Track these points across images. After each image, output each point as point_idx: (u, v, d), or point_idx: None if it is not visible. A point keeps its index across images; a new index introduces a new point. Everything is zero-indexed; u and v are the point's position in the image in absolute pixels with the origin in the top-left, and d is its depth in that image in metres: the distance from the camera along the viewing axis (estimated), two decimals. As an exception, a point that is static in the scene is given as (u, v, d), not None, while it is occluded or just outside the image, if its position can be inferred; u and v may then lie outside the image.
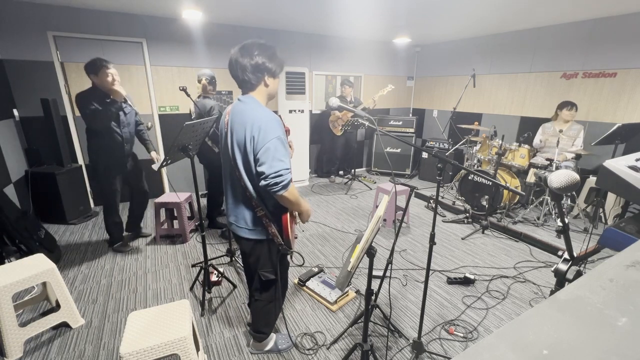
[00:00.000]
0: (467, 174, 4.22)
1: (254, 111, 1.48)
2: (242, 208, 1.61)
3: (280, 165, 1.42)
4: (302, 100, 4.98)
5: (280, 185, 1.43)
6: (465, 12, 3.77)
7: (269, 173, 1.41)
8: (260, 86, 1.54)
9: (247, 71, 1.48)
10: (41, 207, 3.72)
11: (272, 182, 1.42)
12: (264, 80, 1.53)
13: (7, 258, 2.67)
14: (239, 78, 1.51)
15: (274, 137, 1.42)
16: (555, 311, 0.54)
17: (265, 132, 1.42)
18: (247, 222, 1.61)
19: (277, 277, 1.75)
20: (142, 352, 1.43)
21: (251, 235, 1.63)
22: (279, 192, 1.45)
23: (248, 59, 1.46)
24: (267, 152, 1.41)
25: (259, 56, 1.47)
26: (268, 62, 1.50)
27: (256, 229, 1.62)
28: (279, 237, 1.62)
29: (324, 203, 4.63)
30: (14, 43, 3.53)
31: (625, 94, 3.88)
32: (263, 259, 1.70)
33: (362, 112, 1.92)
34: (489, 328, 2.24)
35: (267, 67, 1.50)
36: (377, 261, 2.99)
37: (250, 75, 1.49)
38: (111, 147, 2.79)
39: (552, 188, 1.07)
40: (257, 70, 1.49)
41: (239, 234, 1.67)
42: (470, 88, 5.01)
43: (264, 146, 1.41)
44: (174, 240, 3.43)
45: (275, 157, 1.42)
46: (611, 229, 2.27)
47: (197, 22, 4.33)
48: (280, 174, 1.42)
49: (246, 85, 1.54)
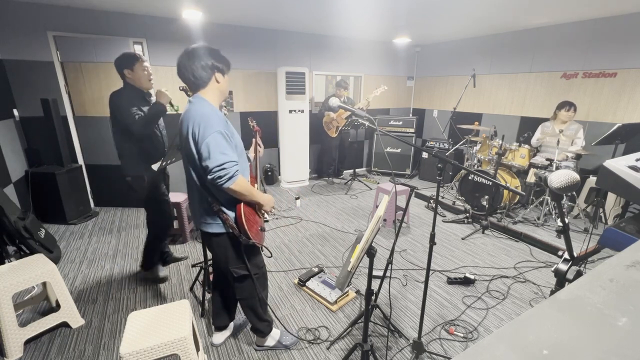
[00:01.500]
0: (467, 174, 4.22)
1: (196, 109, 1.52)
2: (198, 203, 1.65)
3: (223, 159, 1.45)
4: (302, 100, 4.98)
5: (225, 177, 1.45)
6: (465, 12, 3.77)
7: (212, 167, 1.44)
8: (212, 83, 1.59)
9: (196, 71, 1.54)
10: (41, 207, 3.72)
11: (216, 175, 1.45)
12: (214, 77, 1.58)
13: (7, 258, 2.67)
14: (190, 80, 1.56)
15: (214, 131, 1.45)
16: (556, 311, 0.54)
17: (204, 128, 1.45)
18: (205, 216, 1.64)
19: (249, 272, 1.75)
20: (142, 352, 1.43)
21: (211, 229, 1.65)
22: (225, 185, 1.47)
23: (197, 61, 1.53)
24: (208, 147, 1.44)
25: (206, 57, 1.55)
26: (216, 62, 1.57)
27: (214, 223, 1.64)
28: (236, 229, 1.63)
29: (324, 203, 4.63)
30: (14, 43, 3.53)
31: (625, 94, 3.88)
32: (229, 254, 1.71)
33: (362, 112, 1.91)
34: (489, 328, 2.24)
35: (216, 66, 1.57)
36: (377, 261, 2.99)
37: (202, 73, 1.54)
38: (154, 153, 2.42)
39: (552, 188, 1.07)
40: (207, 69, 1.56)
41: (201, 229, 1.69)
42: (471, 88, 5.01)
43: (205, 141, 1.44)
44: (174, 240, 3.43)
45: (217, 151, 1.44)
46: (611, 229, 2.27)
47: (197, 22, 4.33)
48: (223, 167, 1.44)
49: (198, 85, 1.58)
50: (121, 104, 2.25)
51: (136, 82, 2.34)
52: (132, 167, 2.40)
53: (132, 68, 2.30)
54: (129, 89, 2.34)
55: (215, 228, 1.64)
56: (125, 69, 2.30)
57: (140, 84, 2.35)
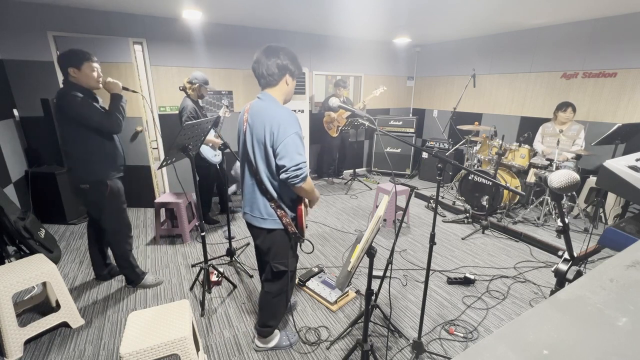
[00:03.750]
0: (467, 174, 4.22)
1: (272, 109, 1.58)
2: (258, 199, 1.69)
3: (299, 159, 1.52)
4: (302, 100, 4.98)
5: (300, 177, 1.53)
6: (465, 12, 3.77)
7: (290, 166, 1.51)
8: (281, 84, 1.65)
9: (271, 68, 1.59)
10: (41, 207, 3.72)
11: (293, 174, 1.52)
12: (285, 78, 1.65)
13: (7, 258, 2.67)
14: (263, 74, 1.61)
15: (293, 132, 1.53)
16: (556, 311, 0.54)
17: (284, 128, 1.52)
18: (262, 212, 1.69)
19: (287, 269, 1.81)
20: (142, 352, 1.43)
21: (265, 225, 1.71)
22: (299, 184, 1.55)
23: (274, 58, 1.59)
24: (286, 147, 1.51)
25: (283, 56, 1.60)
26: (290, 64, 1.63)
27: (270, 219, 1.70)
28: (293, 226, 1.71)
29: (324, 203, 4.63)
30: (14, 43, 3.53)
31: (625, 94, 3.88)
32: (275, 249, 1.77)
33: (362, 112, 1.93)
34: (489, 328, 2.24)
35: (289, 68, 1.64)
36: (377, 261, 2.99)
37: (274, 70, 1.60)
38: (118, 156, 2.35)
39: (552, 188, 1.07)
40: (281, 68, 1.61)
41: (253, 223, 1.75)
42: (470, 88, 5.01)
43: (284, 141, 1.51)
44: (174, 240, 3.43)
45: (295, 151, 1.52)
46: (611, 229, 2.26)
47: (197, 22, 4.33)
48: (300, 167, 1.52)
49: (268, 82, 1.63)
50: (83, 102, 2.09)
51: (82, 82, 2.14)
52: (93, 173, 2.21)
53: (79, 67, 2.11)
54: (76, 88, 2.11)
55: (270, 224, 1.70)
56: (70, 67, 2.10)
57: (87, 84, 2.16)
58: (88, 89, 2.18)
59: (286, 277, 1.85)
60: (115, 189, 2.31)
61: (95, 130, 2.15)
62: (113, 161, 2.29)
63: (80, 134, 2.13)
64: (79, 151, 2.16)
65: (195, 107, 3.23)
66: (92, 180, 2.21)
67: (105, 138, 2.23)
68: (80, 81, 2.14)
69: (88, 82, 2.16)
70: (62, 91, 2.10)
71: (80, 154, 2.17)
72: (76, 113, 2.08)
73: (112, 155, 2.28)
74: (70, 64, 2.10)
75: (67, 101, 2.06)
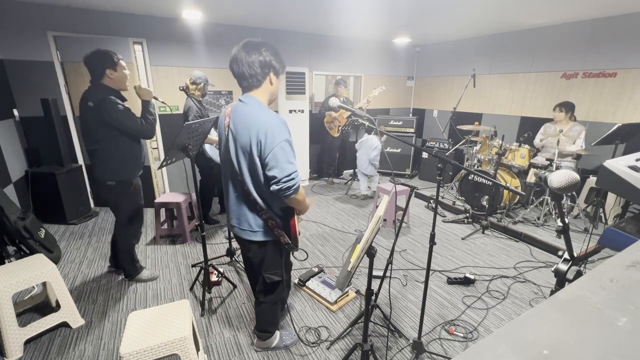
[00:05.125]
0: (467, 174, 4.22)
1: (257, 114, 1.43)
2: (246, 211, 1.58)
3: (290, 168, 1.40)
4: (302, 100, 4.98)
5: (292, 189, 1.42)
6: (465, 12, 3.77)
7: (281, 177, 1.39)
8: (265, 84, 1.49)
9: (254, 66, 1.42)
10: (41, 207, 3.72)
11: (285, 186, 1.40)
12: (269, 77, 1.49)
13: (7, 258, 2.67)
14: (244, 75, 1.44)
15: (282, 139, 1.39)
16: (556, 311, 0.54)
17: (272, 136, 1.38)
18: (251, 224, 1.59)
19: (282, 279, 1.74)
20: (142, 352, 1.43)
21: (255, 237, 1.61)
22: (292, 196, 1.44)
23: (256, 55, 1.42)
24: (276, 156, 1.38)
25: (266, 52, 1.44)
26: (274, 60, 1.47)
27: (260, 231, 1.59)
28: (285, 237, 1.60)
29: (324, 203, 4.63)
30: (14, 43, 3.53)
31: (625, 94, 3.88)
32: (268, 261, 1.69)
33: (362, 112, 1.92)
34: (489, 328, 2.24)
35: (273, 65, 1.47)
36: (377, 261, 2.99)
37: (257, 70, 1.43)
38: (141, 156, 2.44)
39: (552, 188, 1.07)
40: (264, 66, 1.45)
41: (242, 236, 1.64)
42: (470, 88, 5.01)
43: (273, 150, 1.38)
44: (174, 240, 3.43)
45: (286, 160, 1.39)
46: (611, 229, 2.26)
47: (197, 22, 4.33)
48: (292, 177, 1.40)
49: (251, 83, 1.47)
50: (126, 112, 2.14)
51: (117, 83, 2.17)
52: (120, 172, 2.30)
53: (115, 68, 2.13)
54: (111, 92, 2.15)
55: (261, 236, 1.60)
56: (108, 68, 2.11)
57: (120, 85, 2.20)
58: (118, 91, 2.23)
59: (281, 287, 1.79)
60: (137, 186, 2.46)
61: (130, 135, 2.26)
62: (138, 161, 2.41)
63: (114, 136, 2.21)
64: (109, 151, 2.24)
65: (198, 107, 3.26)
66: (119, 179, 2.32)
67: (135, 141, 2.35)
68: (114, 82, 2.17)
69: (121, 83, 2.21)
70: (99, 95, 2.11)
71: (110, 154, 2.25)
72: (116, 120, 2.14)
73: (138, 157, 2.39)
74: (107, 65, 2.12)
75: (107, 107, 2.09)
